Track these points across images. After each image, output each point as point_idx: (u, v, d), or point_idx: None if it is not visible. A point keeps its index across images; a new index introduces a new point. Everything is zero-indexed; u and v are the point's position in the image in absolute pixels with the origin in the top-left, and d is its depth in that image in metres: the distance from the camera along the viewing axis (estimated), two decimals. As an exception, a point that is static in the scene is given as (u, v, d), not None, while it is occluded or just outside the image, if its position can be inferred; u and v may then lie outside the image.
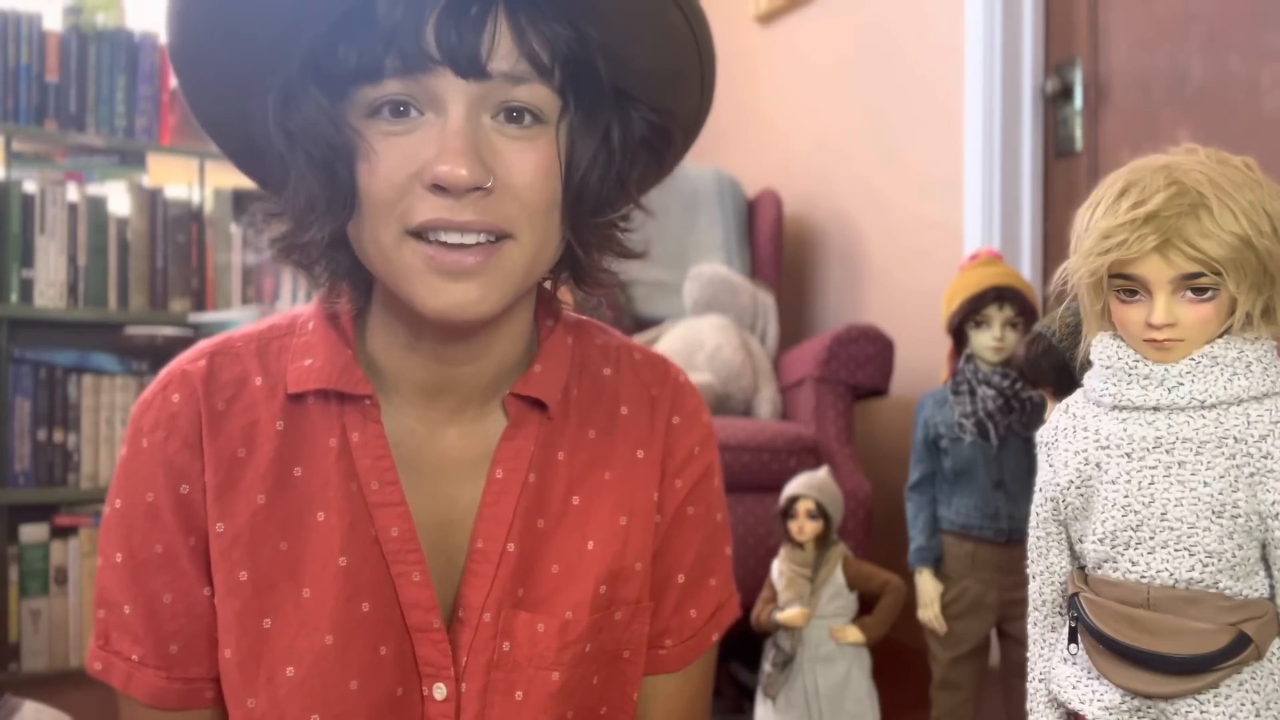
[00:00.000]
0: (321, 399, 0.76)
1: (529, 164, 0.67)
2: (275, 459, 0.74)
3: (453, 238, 0.66)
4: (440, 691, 0.75)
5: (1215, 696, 0.71)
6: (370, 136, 0.66)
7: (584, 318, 0.88)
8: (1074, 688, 0.77)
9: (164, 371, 0.77)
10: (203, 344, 0.78)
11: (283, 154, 0.68)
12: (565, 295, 0.85)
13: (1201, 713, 0.71)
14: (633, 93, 0.72)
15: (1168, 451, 0.73)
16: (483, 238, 0.66)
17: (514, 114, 0.67)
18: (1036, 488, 0.83)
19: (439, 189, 0.64)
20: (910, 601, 1.54)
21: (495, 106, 0.67)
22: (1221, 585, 0.71)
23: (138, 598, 0.74)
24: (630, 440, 0.82)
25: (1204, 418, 0.73)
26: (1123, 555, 0.74)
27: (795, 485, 1.59)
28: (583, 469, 0.80)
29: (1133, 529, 0.73)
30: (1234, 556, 0.71)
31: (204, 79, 0.70)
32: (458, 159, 0.63)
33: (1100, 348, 0.78)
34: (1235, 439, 0.71)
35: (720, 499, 0.88)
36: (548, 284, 0.82)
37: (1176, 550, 0.72)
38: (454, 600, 0.77)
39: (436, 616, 0.75)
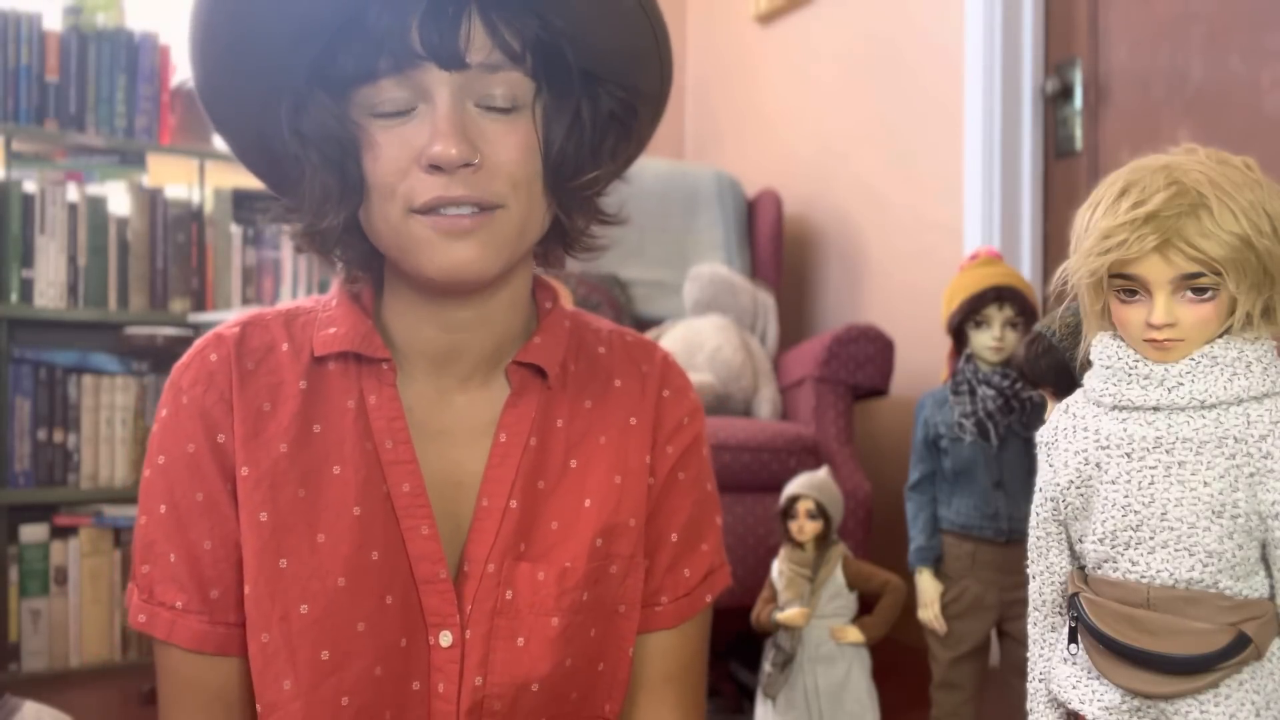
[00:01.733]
0: (342, 363, 0.83)
1: (511, 143, 0.75)
2: (298, 414, 0.81)
3: (450, 211, 0.74)
4: (446, 639, 0.80)
5: (1215, 696, 0.71)
6: (372, 130, 0.75)
7: (579, 309, 0.96)
8: (1074, 688, 0.77)
9: (200, 339, 0.84)
10: (236, 316, 0.86)
11: (297, 155, 0.77)
12: (566, 298, 0.89)
13: (1201, 713, 0.71)
14: (599, 72, 0.80)
15: (1168, 451, 0.73)
16: (476, 209, 0.75)
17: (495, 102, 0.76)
18: (1036, 488, 0.83)
19: (434, 168, 0.73)
20: (910, 601, 1.54)
21: (478, 95, 0.75)
22: (1221, 585, 0.71)
23: (181, 545, 0.79)
24: (623, 408, 0.89)
25: (1204, 418, 0.73)
26: (1123, 555, 0.74)
27: (795, 485, 1.59)
28: (579, 434, 0.87)
29: (1133, 529, 0.73)
30: (1234, 556, 0.71)
31: (228, 107, 0.79)
32: (448, 140, 0.72)
33: (1100, 348, 0.78)
34: (1235, 439, 0.71)
35: (709, 470, 0.95)
36: (539, 267, 0.90)
37: (1176, 550, 0.72)
38: (460, 556, 0.82)
39: (443, 568, 0.80)
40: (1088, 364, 0.80)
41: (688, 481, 0.91)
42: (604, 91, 0.80)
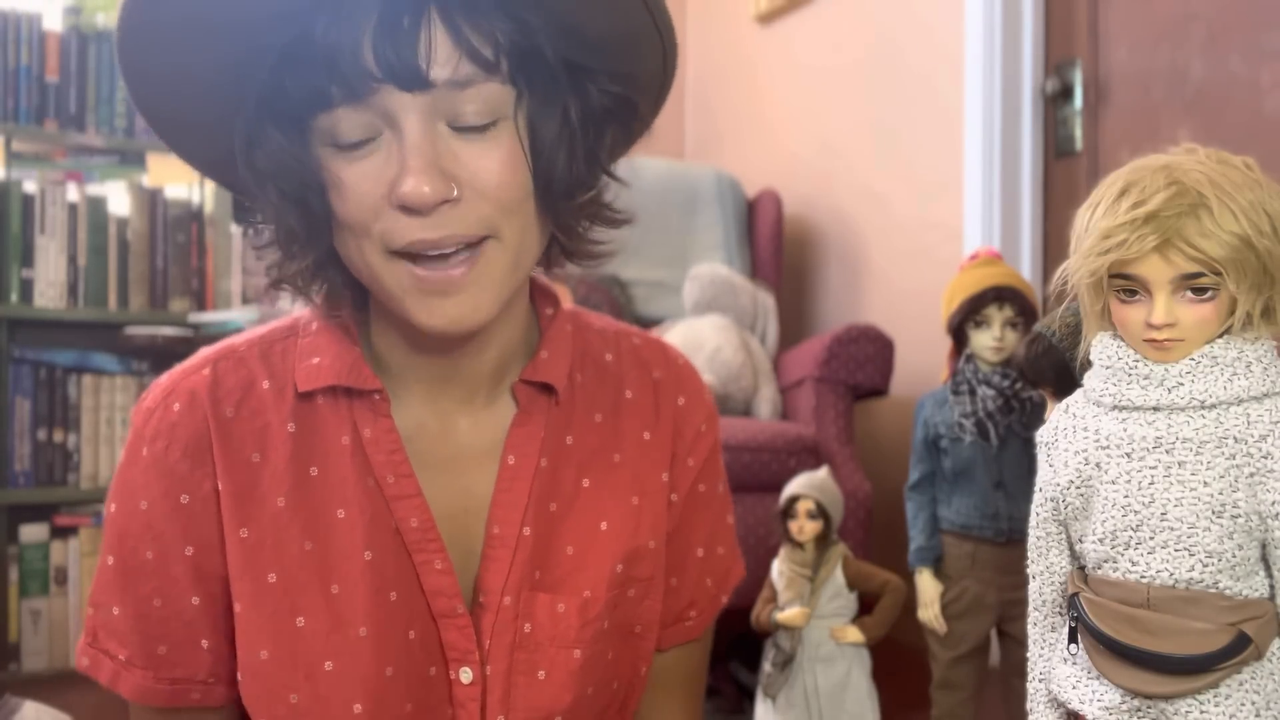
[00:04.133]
0: (331, 397, 0.77)
1: (493, 162, 0.67)
2: (290, 461, 0.75)
3: (432, 252, 0.67)
4: (466, 675, 0.76)
5: (1215, 696, 0.71)
6: (334, 166, 0.67)
7: (579, 308, 0.90)
8: (1074, 688, 0.77)
9: (166, 379, 0.77)
10: (205, 352, 0.78)
11: (254, 192, 0.70)
12: (566, 298, 0.86)
13: (1201, 713, 0.71)
14: (589, 64, 0.71)
15: (1168, 451, 0.73)
16: (463, 248, 0.67)
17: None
18: (1036, 488, 0.83)
19: (408, 208, 0.65)
20: (910, 601, 1.54)
21: (448, 114, 0.66)
22: (1221, 585, 0.71)
23: (126, 601, 0.75)
24: (636, 422, 0.84)
25: (1204, 418, 0.73)
26: (1123, 555, 0.74)
27: (795, 485, 1.59)
28: (591, 452, 0.82)
29: (1133, 529, 0.73)
30: (1234, 556, 0.71)
31: (175, 138, 0.73)
32: (419, 177, 0.64)
33: (1100, 348, 0.78)
34: (1235, 439, 0.71)
35: (723, 472, 0.92)
36: (538, 270, 0.83)
37: (1176, 550, 0.72)
38: (474, 586, 0.78)
39: (460, 602, 0.76)
40: (1088, 364, 0.80)
41: (708, 493, 0.88)
42: (594, 86, 0.71)
